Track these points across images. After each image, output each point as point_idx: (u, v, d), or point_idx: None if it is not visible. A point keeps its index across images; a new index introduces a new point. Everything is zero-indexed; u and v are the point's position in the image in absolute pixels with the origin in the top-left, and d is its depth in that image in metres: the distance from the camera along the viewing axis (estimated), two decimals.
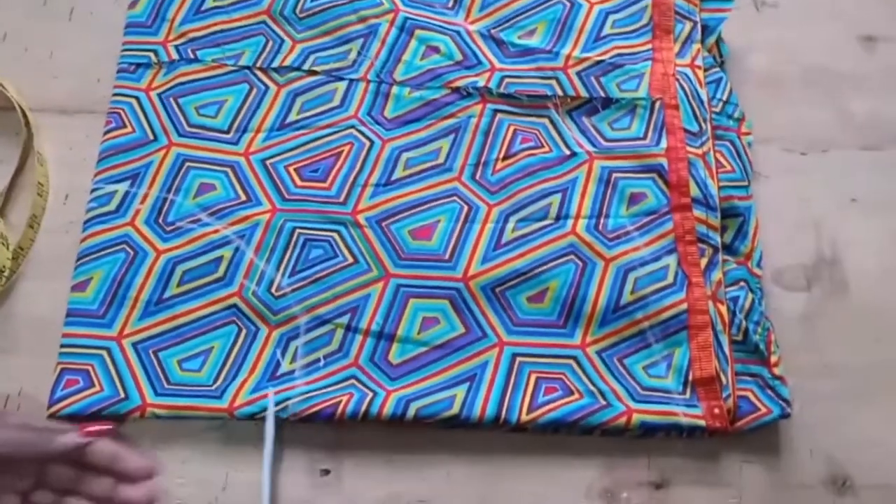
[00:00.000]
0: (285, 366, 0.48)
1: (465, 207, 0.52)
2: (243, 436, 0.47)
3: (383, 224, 0.51)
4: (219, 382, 0.47)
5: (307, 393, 0.47)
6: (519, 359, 0.48)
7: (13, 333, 0.48)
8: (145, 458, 0.39)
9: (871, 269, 0.53)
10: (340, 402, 0.46)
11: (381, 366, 0.48)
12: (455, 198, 0.52)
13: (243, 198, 0.51)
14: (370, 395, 0.46)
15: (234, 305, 0.49)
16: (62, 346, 0.47)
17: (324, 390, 0.47)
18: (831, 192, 0.55)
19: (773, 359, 0.49)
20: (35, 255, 0.51)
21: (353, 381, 0.47)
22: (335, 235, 0.51)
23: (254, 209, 0.51)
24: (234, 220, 0.51)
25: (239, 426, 0.47)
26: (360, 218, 0.51)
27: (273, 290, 0.49)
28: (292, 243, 0.50)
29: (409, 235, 0.51)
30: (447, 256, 0.50)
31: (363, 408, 0.45)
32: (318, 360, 0.48)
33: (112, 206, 0.51)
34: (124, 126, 0.53)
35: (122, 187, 0.51)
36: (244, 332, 0.48)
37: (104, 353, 0.47)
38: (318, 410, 0.46)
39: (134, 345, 0.48)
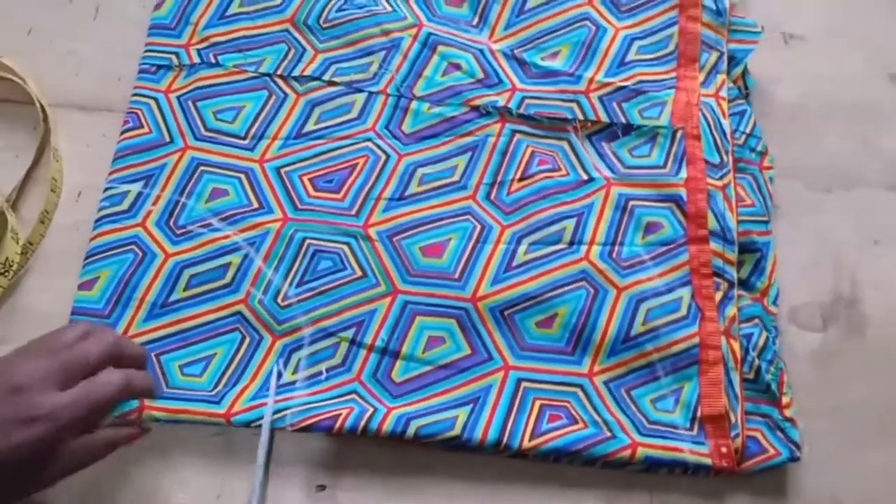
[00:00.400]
0: (287, 376, 0.47)
1: (478, 227, 0.51)
2: (242, 444, 0.46)
3: (394, 239, 0.51)
4: (219, 388, 0.47)
5: (307, 404, 0.46)
6: (524, 384, 0.48)
7: (18, 327, 0.48)
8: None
9: (891, 311, 0.52)
10: (340, 415, 0.45)
11: (384, 383, 0.47)
12: (468, 216, 0.52)
13: (255, 205, 0.51)
14: (370, 410, 0.46)
15: (240, 313, 0.49)
16: None
17: (324, 403, 0.46)
18: (853, 232, 0.54)
19: (785, 400, 0.48)
20: (44, 251, 0.51)
21: (353, 395, 0.47)
22: (345, 248, 0.50)
23: (265, 217, 0.51)
24: (245, 226, 0.50)
25: (239, 434, 0.46)
26: (372, 232, 0.51)
27: (279, 299, 0.49)
28: (301, 253, 0.50)
29: (420, 252, 0.50)
30: (457, 275, 0.50)
31: (362, 423, 0.45)
32: (320, 373, 0.48)
33: (124, 206, 0.51)
34: (141, 127, 0.53)
35: (135, 188, 0.51)
36: (248, 339, 0.48)
37: None
38: (317, 422, 0.45)
39: None
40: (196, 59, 0.55)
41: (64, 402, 0.37)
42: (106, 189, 0.51)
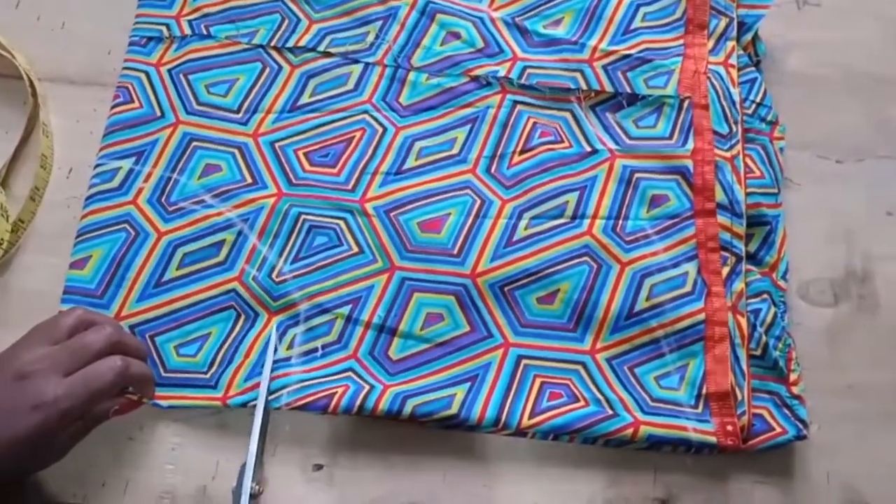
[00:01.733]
0: (282, 352, 0.47)
1: (478, 201, 0.51)
2: (237, 423, 0.46)
3: (391, 214, 0.50)
4: (213, 369, 0.47)
5: (302, 381, 0.46)
6: (524, 361, 0.47)
7: (9, 307, 0.48)
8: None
9: None
10: (335, 393, 0.45)
11: (381, 360, 0.47)
12: (468, 190, 0.51)
13: (249, 180, 0.51)
14: (366, 388, 0.45)
15: (234, 290, 0.48)
16: None
17: (319, 380, 0.46)
18: (866, 204, 0.53)
19: (793, 377, 0.47)
20: (35, 229, 0.51)
21: (350, 373, 0.47)
22: (341, 223, 0.50)
23: (259, 192, 0.50)
24: (239, 202, 0.50)
25: (233, 413, 0.46)
26: (368, 207, 0.50)
27: (274, 275, 0.48)
28: (297, 229, 0.50)
29: (418, 227, 0.50)
30: (456, 251, 0.49)
31: (358, 401, 0.45)
32: (315, 350, 0.47)
33: (115, 183, 0.50)
34: (132, 101, 0.52)
35: (126, 164, 0.51)
36: (242, 317, 0.48)
37: None
38: (312, 401, 0.45)
39: (131, 327, 0.47)
40: (187, 31, 0.54)
41: (65, 389, 0.39)
42: (96, 166, 0.51)
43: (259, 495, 0.44)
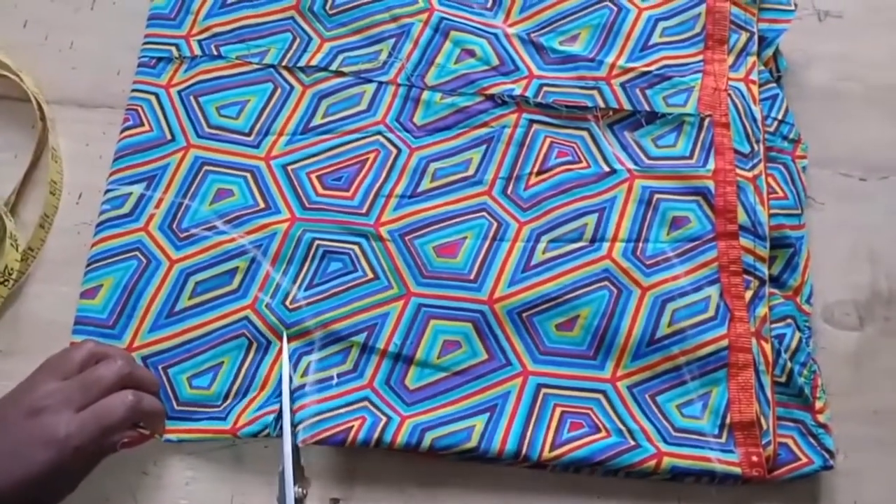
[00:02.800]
0: (296, 380, 0.47)
1: (495, 224, 0.50)
2: (253, 456, 0.46)
3: (407, 238, 0.50)
4: (228, 401, 0.46)
5: (319, 414, 0.45)
6: (544, 390, 0.47)
7: (20, 337, 0.48)
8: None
9: None
10: (352, 427, 0.45)
11: (397, 389, 0.47)
12: (484, 213, 0.50)
13: (262, 205, 0.50)
14: (384, 420, 0.45)
15: (246, 318, 0.48)
16: None
17: (335, 412, 0.46)
18: (890, 223, 0.53)
19: (819, 405, 0.46)
20: (45, 256, 0.50)
21: (365, 402, 0.46)
22: (356, 248, 0.49)
23: (272, 217, 0.50)
24: (251, 228, 0.50)
25: (248, 446, 0.46)
26: (383, 231, 0.50)
27: (287, 302, 0.48)
28: (311, 255, 0.49)
29: (434, 252, 0.49)
30: (472, 276, 0.49)
31: (376, 434, 0.44)
32: (330, 378, 0.47)
33: (126, 210, 0.50)
34: (142, 124, 0.52)
35: (137, 189, 0.50)
36: (255, 345, 0.48)
37: None
38: (330, 436, 0.45)
39: (144, 359, 0.47)
40: (197, 51, 0.54)
41: (77, 425, 0.40)
42: (107, 191, 0.50)
43: (305, 498, 0.43)
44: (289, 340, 0.48)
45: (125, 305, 0.48)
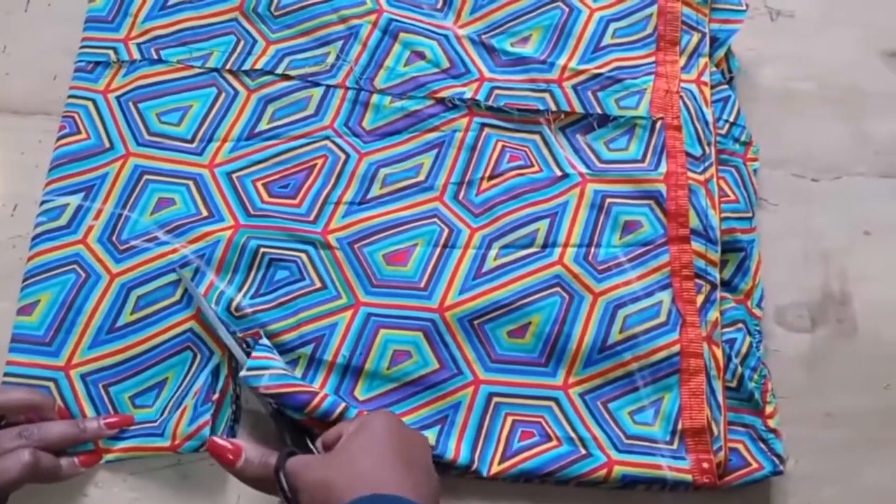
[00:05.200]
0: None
1: (446, 230, 0.50)
2: (198, 476, 0.46)
3: (355, 246, 0.50)
4: (163, 415, 0.46)
5: (283, 370, 0.45)
6: (495, 399, 0.47)
7: None
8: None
9: (883, 308, 0.52)
10: (318, 394, 0.44)
11: (346, 401, 0.47)
12: (435, 219, 0.51)
13: (204, 213, 0.50)
14: (343, 405, 0.44)
15: (191, 329, 0.48)
16: (6, 374, 0.46)
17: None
18: (843, 223, 0.54)
19: (769, 409, 0.48)
20: None
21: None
22: (303, 256, 0.49)
23: (215, 225, 0.50)
24: (193, 237, 0.49)
25: (194, 466, 0.46)
26: (331, 238, 0.50)
27: (232, 308, 0.48)
28: (256, 263, 0.49)
29: (384, 260, 0.49)
30: (423, 284, 0.49)
31: (337, 411, 0.44)
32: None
33: (63, 221, 0.49)
34: (78, 132, 0.51)
35: (74, 200, 0.50)
36: (199, 357, 0.47)
37: (51, 384, 0.46)
38: (294, 392, 0.44)
39: (83, 376, 0.47)
40: (136, 55, 0.53)
41: None
42: (42, 202, 0.50)
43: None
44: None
45: (63, 321, 0.47)
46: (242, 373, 0.44)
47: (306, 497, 0.37)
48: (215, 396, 0.46)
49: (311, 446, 0.42)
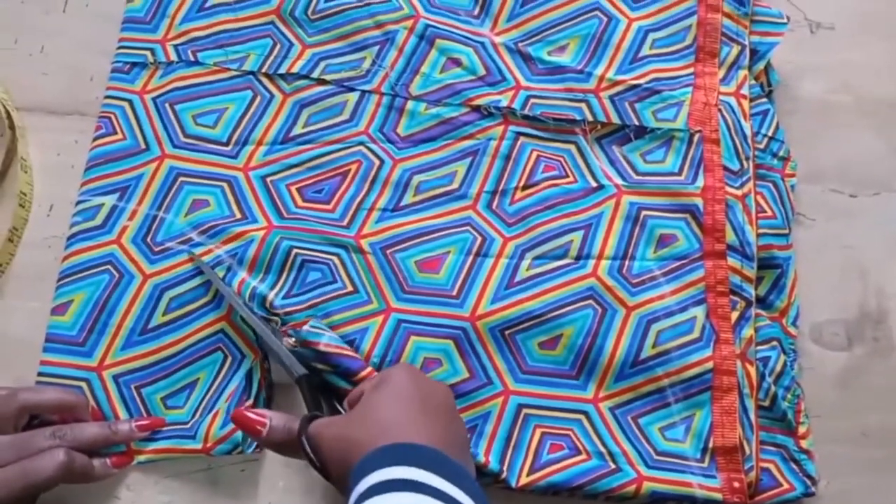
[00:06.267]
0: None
1: (479, 239, 0.51)
2: (229, 481, 0.46)
3: (388, 252, 0.50)
4: (195, 417, 0.47)
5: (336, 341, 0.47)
6: (525, 410, 0.48)
7: None
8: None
9: None
10: (367, 366, 0.46)
11: None
12: (468, 227, 0.51)
13: (238, 216, 0.51)
14: None
15: (222, 331, 0.48)
16: (39, 374, 0.47)
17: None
18: (880, 240, 0.54)
19: (802, 430, 0.48)
20: (14, 271, 0.50)
21: None
22: (335, 259, 0.50)
23: (248, 226, 0.50)
24: (227, 237, 0.50)
25: (225, 470, 0.47)
26: (364, 243, 0.50)
27: (267, 304, 0.48)
28: (288, 264, 0.49)
29: (416, 267, 0.50)
30: (455, 293, 0.49)
31: None
32: None
33: (98, 221, 0.50)
34: (115, 132, 0.52)
35: (109, 200, 0.51)
36: (229, 359, 0.48)
37: (83, 384, 0.47)
38: (348, 356, 0.46)
39: (115, 377, 0.47)
40: (173, 57, 0.54)
41: (1, 480, 0.40)
42: (78, 202, 0.51)
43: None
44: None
45: (96, 322, 0.48)
46: (306, 328, 0.46)
47: (328, 455, 0.37)
48: (249, 402, 0.47)
49: (339, 408, 0.43)
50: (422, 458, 0.34)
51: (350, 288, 0.49)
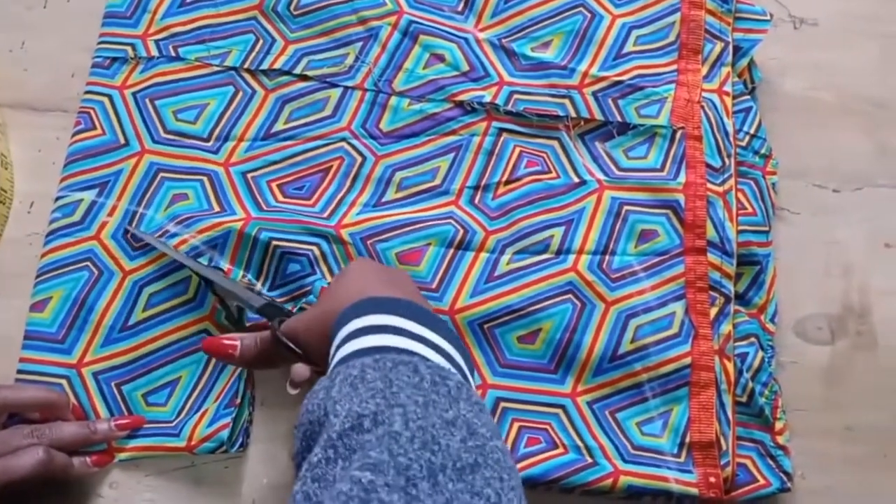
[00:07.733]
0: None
1: (461, 231, 0.51)
2: (212, 478, 0.47)
3: (369, 242, 0.51)
4: (181, 416, 0.48)
5: None
6: (503, 404, 0.48)
7: None
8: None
9: None
10: None
11: None
12: (450, 221, 0.52)
13: (217, 209, 0.51)
14: None
15: (206, 331, 0.49)
16: (18, 371, 0.48)
17: None
18: (864, 235, 0.54)
19: (778, 426, 0.48)
20: None
21: None
22: (315, 249, 0.50)
23: (225, 217, 0.50)
24: (203, 227, 0.50)
25: (208, 468, 0.47)
26: (344, 233, 0.51)
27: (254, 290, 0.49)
28: (268, 257, 0.50)
29: (396, 258, 0.51)
30: (434, 285, 0.50)
31: None
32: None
33: (77, 217, 0.51)
34: (94, 128, 0.53)
35: (88, 196, 0.51)
36: (213, 360, 0.49)
37: (63, 381, 0.48)
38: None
39: (95, 374, 0.48)
40: (154, 52, 0.55)
41: None
42: (57, 198, 0.51)
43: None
44: None
45: (76, 319, 0.49)
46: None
47: (306, 339, 0.38)
48: (237, 401, 0.48)
49: None
50: (398, 307, 0.35)
51: (330, 279, 0.50)
